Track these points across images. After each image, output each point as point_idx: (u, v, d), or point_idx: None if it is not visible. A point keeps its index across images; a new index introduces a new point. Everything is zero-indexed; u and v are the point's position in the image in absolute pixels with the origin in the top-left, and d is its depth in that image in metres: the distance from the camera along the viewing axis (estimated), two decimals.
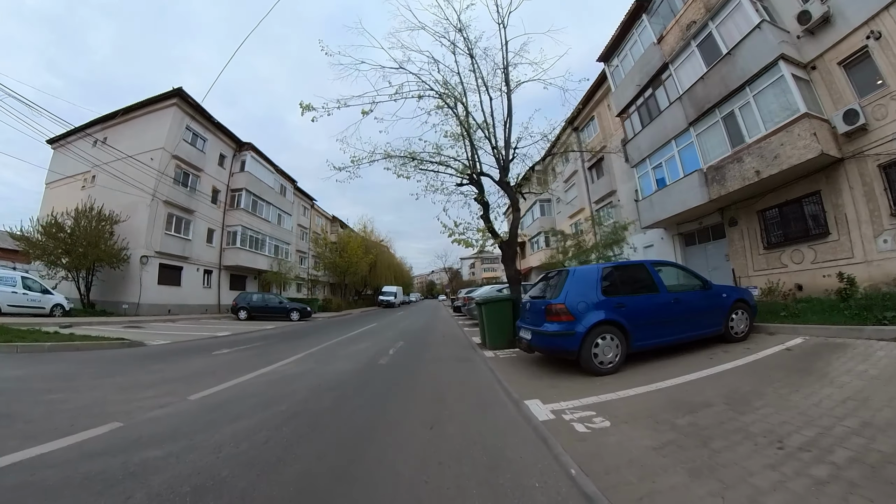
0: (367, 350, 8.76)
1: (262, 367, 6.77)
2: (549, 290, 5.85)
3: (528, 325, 5.84)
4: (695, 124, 14.90)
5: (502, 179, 8.32)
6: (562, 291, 5.30)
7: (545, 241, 31.93)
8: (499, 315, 7.72)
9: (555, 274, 6.19)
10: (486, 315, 7.85)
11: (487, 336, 7.98)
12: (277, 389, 5.16)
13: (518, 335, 6.26)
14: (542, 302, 5.63)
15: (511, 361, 6.72)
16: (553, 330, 5.19)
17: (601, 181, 22.76)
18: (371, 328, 14.91)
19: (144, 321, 16.72)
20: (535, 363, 6.32)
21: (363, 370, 6.42)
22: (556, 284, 5.69)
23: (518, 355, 7.15)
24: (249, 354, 8.42)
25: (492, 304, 7.88)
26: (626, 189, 20.41)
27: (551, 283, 6.03)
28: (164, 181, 22.11)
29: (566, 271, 5.73)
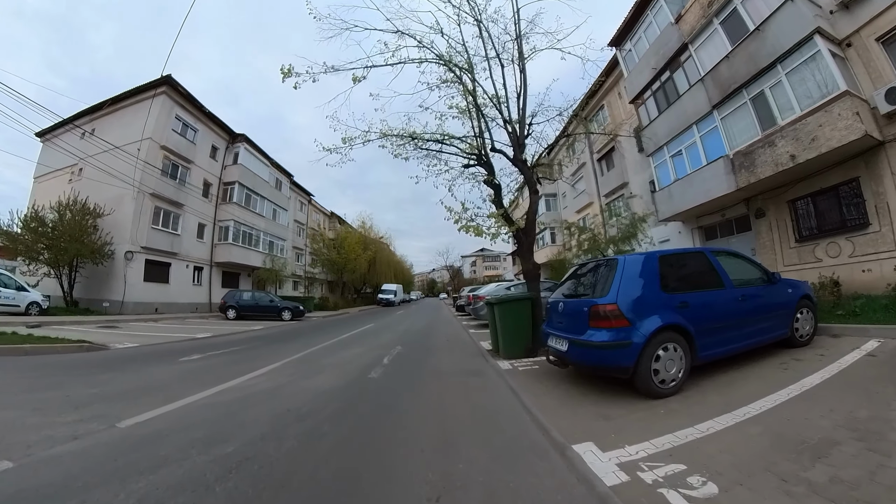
0: (358, 358, 7.54)
1: (227, 381, 5.59)
2: (588, 287, 4.66)
3: (562, 332, 4.59)
4: (719, 107, 13.72)
5: (517, 157, 7.11)
6: (611, 288, 4.03)
7: (550, 238, 30.70)
8: (516, 317, 6.49)
9: (594, 266, 4.98)
10: (500, 317, 6.62)
11: (501, 342, 6.73)
12: (232, 417, 3.97)
13: (545, 343, 5.07)
14: (583, 302, 4.36)
15: (534, 376, 5.44)
16: (601, 340, 3.93)
17: (611, 173, 21.53)
18: (367, 329, 13.72)
19: (124, 320, 15.59)
20: (565, 379, 5.11)
21: (348, 388, 5.18)
22: (600, 279, 4.47)
23: (541, 367, 5.90)
24: (220, 362, 7.25)
25: (507, 305, 6.57)
26: (640, 181, 19.19)
27: (589, 278, 4.84)
28: (151, 173, 20.98)
29: (614, 261, 4.43)
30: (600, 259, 4.96)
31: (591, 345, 3.99)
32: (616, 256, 4.48)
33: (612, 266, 4.38)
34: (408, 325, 15.16)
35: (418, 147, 8.07)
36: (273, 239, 30.42)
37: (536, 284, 6.91)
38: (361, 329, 13.77)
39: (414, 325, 15.16)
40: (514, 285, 13.31)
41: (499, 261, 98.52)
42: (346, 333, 12.19)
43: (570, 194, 27.91)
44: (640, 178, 19.11)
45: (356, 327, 14.48)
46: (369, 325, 15.30)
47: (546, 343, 5.02)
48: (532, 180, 7.16)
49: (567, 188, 27.86)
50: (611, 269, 4.37)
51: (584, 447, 2.89)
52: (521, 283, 13.38)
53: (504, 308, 6.59)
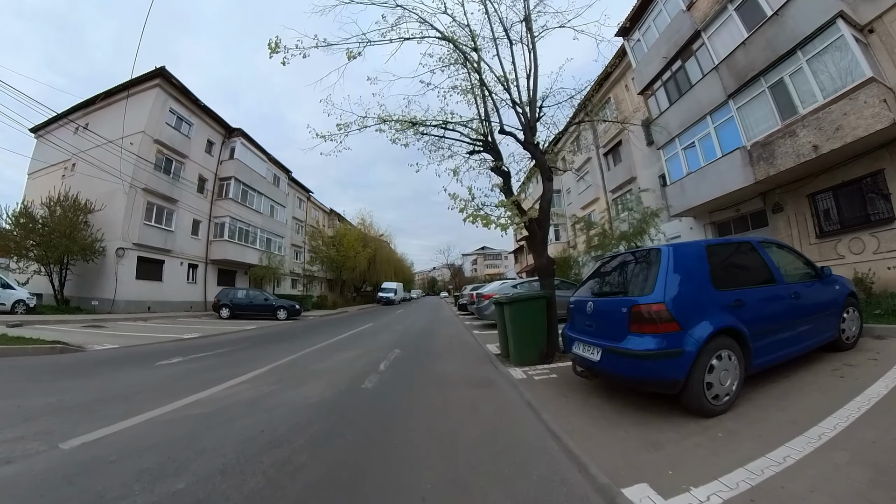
0: (351, 363, 6.83)
1: (202, 390, 4.95)
2: (622, 284, 3.99)
3: (592, 338, 3.85)
4: (735, 96, 13.10)
5: (528, 140, 6.44)
6: (656, 284, 3.32)
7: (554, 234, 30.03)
8: (529, 319, 5.74)
9: (627, 259, 4.24)
10: (511, 319, 5.83)
11: (513, 347, 5.97)
12: (194, 440, 3.30)
13: (568, 350, 4.38)
14: (619, 302, 3.61)
15: (555, 388, 4.65)
16: (645, 349, 3.19)
17: (618, 168, 20.86)
18: (365, 330, 13.07)
19: (112, 319, 14.98)
20: (592, 391, 4.37)
21: (337, 401, 4.44)
22: (638, 274, 3.75)
23: (560, 376, 5.17)
24: (201, 367, 6.61)
25: (520, 305, 5.78)
26: (648, 175, 18.53)
27: (621, 272, 4.15)
28: (144, 167, 20.35)
29: (656, 252, 3.67)
30: (634, 250, 4.26)
31: (633, 354, 3.25)
32: (657, 246, 3.77)
33: (653, 258, 3.64)
34: (408, 325, 14.52)
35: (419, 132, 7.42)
36: (270, 236, 29.77)
37: (551, 281, 6.22)
38: (359, 329, 13.13)
39: (414, 326, 14.51)
40: (520, 283, 12.63)
41: (500, 259, 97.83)
42: (343, 334, 11.54)
43: (575, 190, 27.23)
44: (649, 173, 18.46)
45: (354, 327, 13.84)
46: (367, 325, 14.66)
47: (569, 350, 4.33)
48: (546, 166, 6.48)
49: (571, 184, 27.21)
50: (651, 261, 3.64)
51: (639, 492, 2.21)
52: (526, 281, 12.70)
53: (516, 308, 5.81)
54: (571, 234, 28.60)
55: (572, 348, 4.24)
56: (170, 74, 22.21)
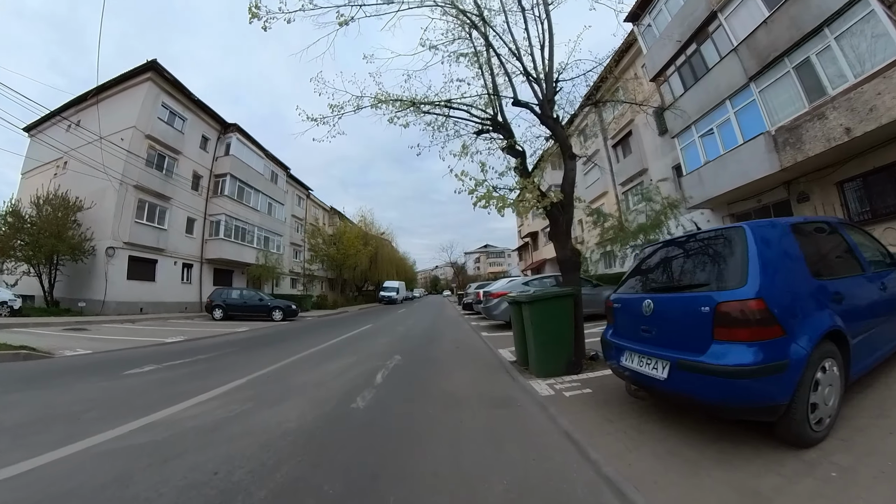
0: (344, 373, 5.86)
1: (162, 408, 4.17)
2: (690, 274, 3.09)
3: (655, 348, 2.94)
4: (757, 78, 12.29)
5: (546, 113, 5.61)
6: (748, 272, 2.48)
7: None
8: (555, 321, 4.77)
9: (690, 243, 3.32)
10: (533, 321, 4.87)
11: (534, 354, 4.99)
12: (125, 484, 2.48)
13: (615, 361, 3.46)
14: (697, 299, 2.69)
15: (594, 408, 3.70)
16: (738, 363, 2.31)
17: (628, 159, 20.00)
18: (364, 332, 12.22)
19: (99, 321, 14.24)
20: (642, 412, 3.45)
21: (318, 429, 3.49)
22: (714, 261, 2.87)
23: (595, 391, 4.23)
24: (172, 377, 5.81)
25: (543, 305, 4.79)
26: (660, 166, 17.67)
27: (686, 260, 3.26)
28: (135, 164, 19.60)
29: (736, 231, 2.81)
30: (698, 231, 3.38)
31: (721, 371, 2.33)
32: (737, 224, 2.89)
33: (733, 238, 2.77)
34: (410, 327, 13.66)
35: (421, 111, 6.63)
36: (268, 234, 29.00)
37: (577, 276, 5.38)
38: (357, 331, 12.32)
39: (417, 327, 13.65)
40: (532, 280, 11.74)
41: (503, 257, 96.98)
42: (340, 337, 10.72)
43: (582, 184, 26.27)
44: (662, 164, 17.60)
45: (352, 329, 13.03)
46: (367, 327, 13.84)
47: (616, 361, 3.43)
48: (567, 143, 5.66)
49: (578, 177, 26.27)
50: (730, 243, 2.78)
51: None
52: (536, 278, 11.84)
53: (538, 309, 4.82)
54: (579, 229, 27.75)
55: (620, 360, 3.33)
56: (162, 68, 21.46)
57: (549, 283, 10.94)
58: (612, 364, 3.56)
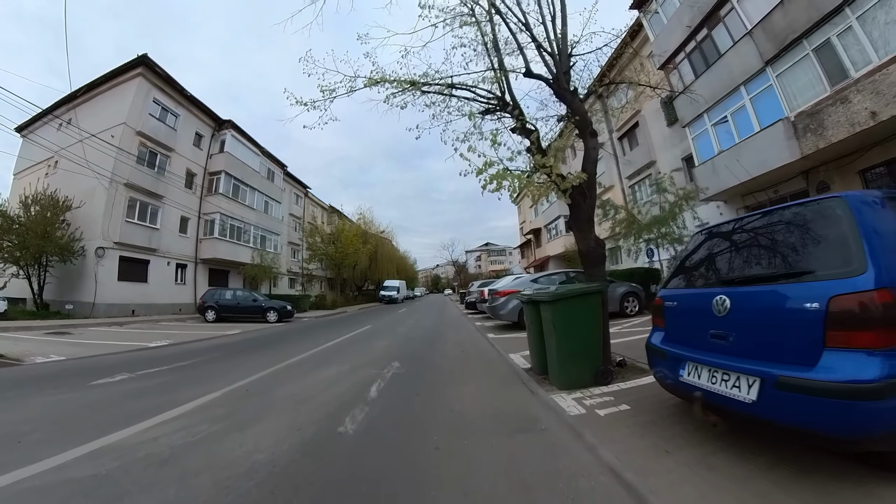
0: (334, 384, 5.12)
1: (116, 429, 3.55)
2: (782, 261, 2.33)
3: (736, 360, 2.28)
4: (773, 63, 11.64)
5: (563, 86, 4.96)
6: (865, 253, 1.84)
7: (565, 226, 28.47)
8: (581, 323, 4.08)
9: (782, 219, 2.50)
10: (555, 324, 4.14)
11: (556, 363, 4.25)
12: None
13: (673, 376, 2.73)
14: (799, 292, 2.08)
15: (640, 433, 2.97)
16: (863, 378, 1.67)
17: (635, 152, 19.32)
18: (361, 333, 11.57)
19: (85, 325, 13.64)
20: (704, 438, 2.73)
21: (293, 463, 2.78)
22: (812, 242, 2.19)
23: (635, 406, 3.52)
24: (141, 388, 5.19)
25: (567, 305, 4.08)
26: (669, 158, 17.00)
27: (768, 244, 2.48)
28: (126, 161, 18.97)
29: (836, 203, 2.17)
30: (779, 206, 2.63)
31: (839, 390, 1.72)
32: (833, 195, 2.22)
33: (832, 214, 2.14)
34: (410, 328, 12.99)
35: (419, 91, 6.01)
36: (265, 233, 28.36)
37: (602, 270, 4.70)
38: (355, 333, 11.67)
39: (418, 328, 12.96)
40: (541, 276, 11.03)
41: (504, 255, 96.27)
42: (335, 339, 10.06)
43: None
44: (671, 155, 16.94)
45: (350, 330, 12.38)
46: (365, 328, 13.18)
47: (671, 376, 2.76)
48: (588, 118, 5.01)
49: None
50: (829, 219, 2.15)
51: None
52: (545, 274, 11.14)
53: (562, 310, 4.09)
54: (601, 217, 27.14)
55: (679, 374, 2.64)
56: (153, 63, 20.82)
57: (559, 279, 10.30)
58: (664, 379, 2.88)
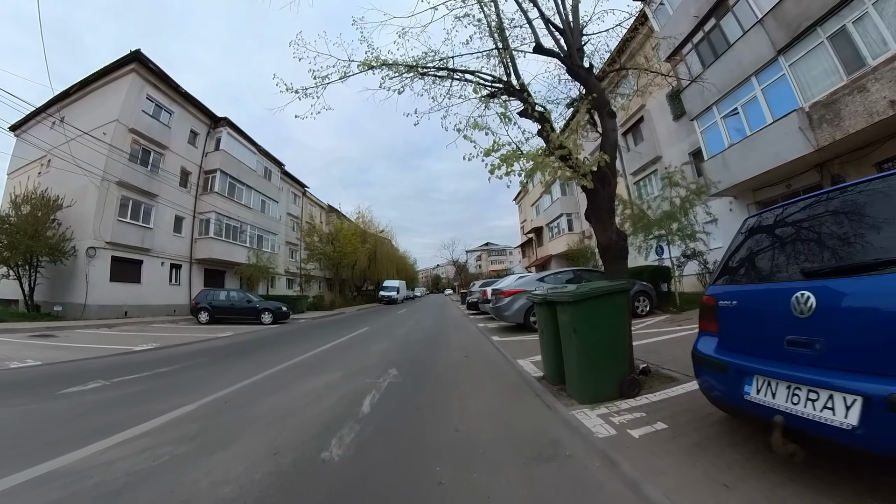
0: (323, 396, 4.55)
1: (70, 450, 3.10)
2: (859, 245, 1.88)
3: (827, 375, 1.78)
4: (786, 52, 11.21)
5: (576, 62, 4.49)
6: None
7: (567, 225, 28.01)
8: (605, 326, 3.58)
9: (869, 198, 2.01)
10: (578, 328, 3.60)
11: (578, 372, 3.69)
12: None
13: (731, 394, 2.27)
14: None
15: (687, 460, 2.47)
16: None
17: (640, 147, 18.85)
18: (358, 336, 11.07)
19: (73, 327, 13.18)
20: (773, 467, 2.20)
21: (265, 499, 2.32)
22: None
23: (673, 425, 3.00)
24: (112, 399, 4.73)
25: (590, 305, 3.56)
26: (676, 153, 16.53)
27: (842, 225, 2.00)
28: (118, 159, 18.50)
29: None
30: (864, 179, 2.06)
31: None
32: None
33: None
34: (410, 329, 12.48)
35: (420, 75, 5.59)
36: (262, 233, 27.86)
37: (624, 266, 4.20)
38: (351, 335, 11.19)
39: (418, 329, 12.44)
40: (549, 275, 10.47)
41: (505, 254, 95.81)
42: (329, 343, 9.56)
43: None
44: (678, 150, 16.47)
45: (346, 332, 11.90)
46: (363, 330, 12.69)
47: (731, 394, 2.27)
48: (605, 98, 4.55)
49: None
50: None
51: None
52: (551, 273, 10.60)
53: (585, 311, 3.56)
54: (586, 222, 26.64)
55: (743, 390, 2.15)
56: (146, 58, 20.35)
57: (565, 277, 9.82)
58: (721, 397, 2.39)
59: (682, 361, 4.77)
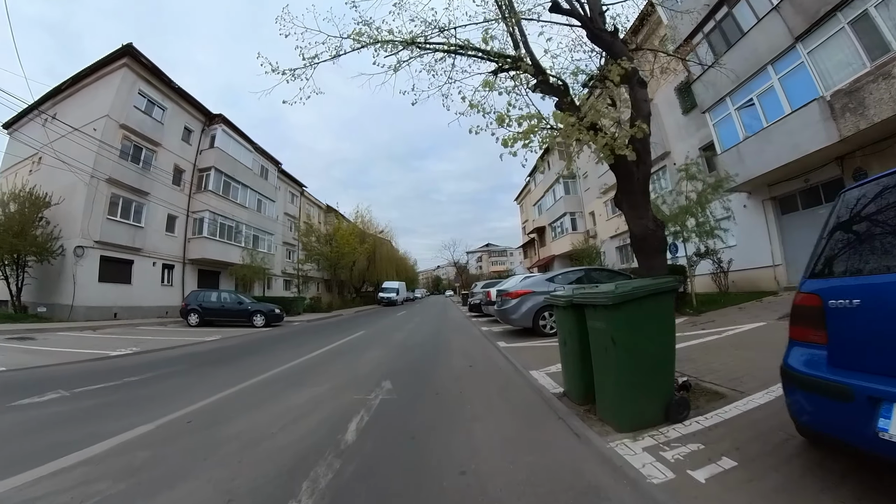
0: (302, 417, 3.85)
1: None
2: None
3: None
4: (804, 38, 10.66)
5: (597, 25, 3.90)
6: None
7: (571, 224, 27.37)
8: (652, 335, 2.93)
9: None
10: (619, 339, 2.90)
11: (615, 392, 3.02)
12: None
13: (858, 426, 1.60)
14: None
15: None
16: None
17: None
18: (352, 341, 10.39)
19: (55, 329, 12.58)
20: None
21: None
22: None
23: (748, 462, 2.31)
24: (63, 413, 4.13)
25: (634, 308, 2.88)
26: (685, 148, 15.93)
27: None
28: (108, 156, 17.90)
29: None
30: None
31: None
32: None
33: None
34: (409, 334, 11.72)
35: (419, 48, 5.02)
36: (258, 233, 27.23)
37: (663, 261, 3.57)
38: (345, 340, 10.52)
39: (417, 334, 11.67)
40: (558, 275, 9.70)
41: (505, 255, 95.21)
42: (321, 349, 8.85)
43: (593, 173, 24.50)
44: (687, 145, 15.87)
45: (340, 337, 11.23)
46: (358, 334, 12.00)
47: (864, 428, 1.61)
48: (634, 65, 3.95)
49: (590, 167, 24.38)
50: None
51: None
52: (561, 272, 9.84)
53: (627, 316, 2.87)
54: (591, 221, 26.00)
55: (880, 426, 1.55)
56: (138, 53, 19.78)
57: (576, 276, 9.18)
58: (827, 429, 1.82)
59: (722, 373, 4.21)
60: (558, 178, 27.62)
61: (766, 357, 4.57)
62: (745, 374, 3.99)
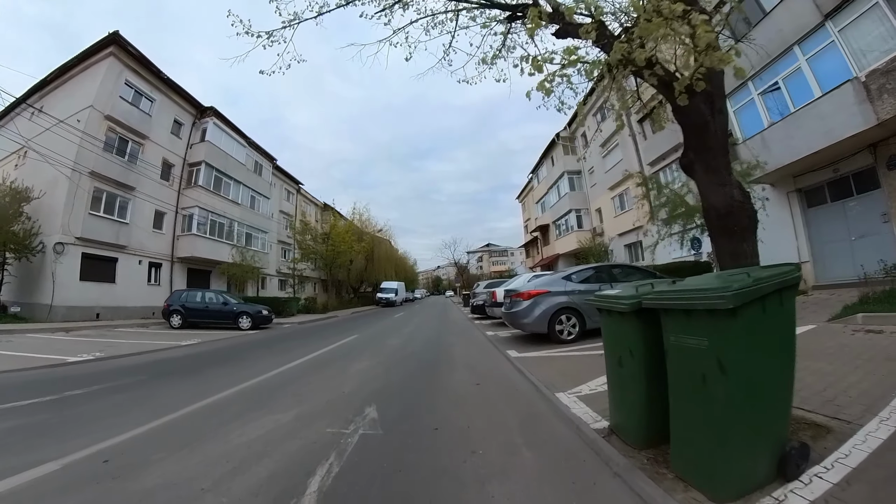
0: (243, 466, 2.77)
1: None
2: None
3: None
4: (834, 16, 9.84)
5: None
6: None
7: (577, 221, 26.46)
8: (774, 354, 1.93)
9: None
10: (731, 360, 1.83)
11: (716, 441, 1.90)
12: None
13: None
14: None
15: None
16: None
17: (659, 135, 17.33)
18: (342, 346, 9.40)
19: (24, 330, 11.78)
20: None
21: None
22: None
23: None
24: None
25: (755, 314, 1.86)
26: None
27: None
28: (91, 148, 17.05)
29: None
30: None
31: None
32: None
33: None
34: (406, 339, 10.60)
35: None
36: (251, 231, 26.32)
37: (752, 244, 2.63)
38: (334, 346, 9.52)
39: (415, 339, 10.56)
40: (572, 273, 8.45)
41: (506, 255, 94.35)
42: (304, 357, 7.83)
43: (600, 168, 23.61)
44: None
45: (330, 342, 10.23)
46: (349, 338, 10.98)
47: None
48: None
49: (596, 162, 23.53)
50: None
51: None
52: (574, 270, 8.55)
53: (745, 327, 1.85)
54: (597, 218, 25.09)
55: None
56: (125, 41, 18.98)
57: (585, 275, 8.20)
58: None
59: (804, 394, 3.14)
60: (563, 173, 26.73)
61: (848, 371, 3.69)
62: (836, 396, 3.08)
